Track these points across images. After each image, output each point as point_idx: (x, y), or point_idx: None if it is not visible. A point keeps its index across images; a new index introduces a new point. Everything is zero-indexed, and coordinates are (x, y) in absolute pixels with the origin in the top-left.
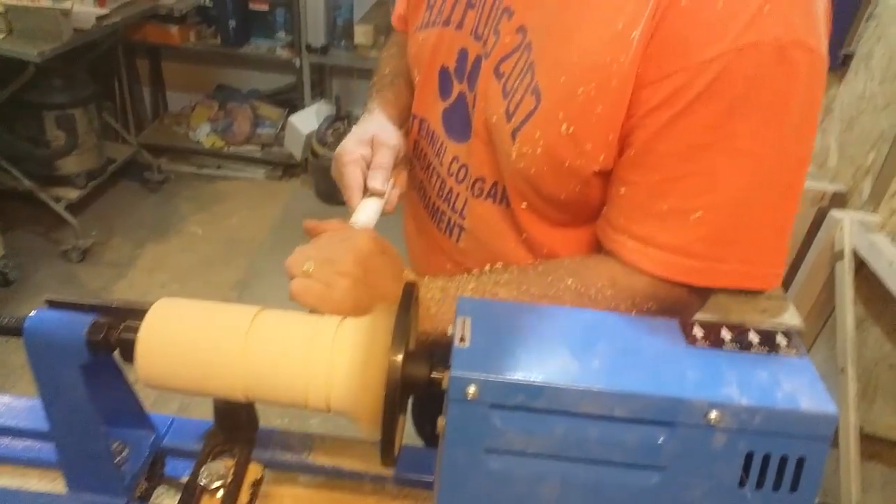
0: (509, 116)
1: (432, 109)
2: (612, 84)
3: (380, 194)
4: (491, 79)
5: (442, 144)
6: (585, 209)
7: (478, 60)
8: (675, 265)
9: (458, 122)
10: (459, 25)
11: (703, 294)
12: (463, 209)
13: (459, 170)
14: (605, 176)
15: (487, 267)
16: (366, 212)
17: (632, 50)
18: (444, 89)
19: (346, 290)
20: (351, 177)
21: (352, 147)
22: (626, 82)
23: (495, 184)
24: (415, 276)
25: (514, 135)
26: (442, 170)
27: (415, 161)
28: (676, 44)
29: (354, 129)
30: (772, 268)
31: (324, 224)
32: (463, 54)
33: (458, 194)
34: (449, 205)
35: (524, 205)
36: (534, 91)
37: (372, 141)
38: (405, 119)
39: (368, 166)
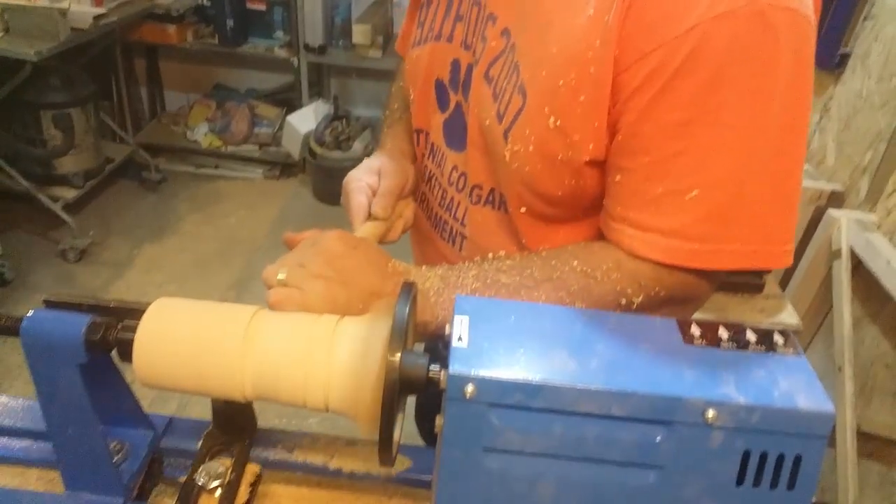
0: (500, 118)
1: (432, 122)
2: (590, 71)
3: (382, 220)
4: (482, 84)
5: (443, 155)
6: (584, 202)
7: (470, 70)
8: (676, 250)
9: (457, 131)
10: (450, 38)
11: (712, 277)
12: (463, 217)
13: (459, 178)
14: (599, 166)
15: (490, 255)
16: (364, 234)
17: (606, 34)
18: (442, 101)
19: (320, 292)
20: (356, 203)
21: (359, 175)
22: (604, 68)
23: (492, 190)
24: (404, 266)
25: (505, 135)
26: (443, 179)
27: (417, 173)
28: (650, 21)
29: (366, 160)
30: (780, 245)
31: (301, 234)
32: (455, 65)
33: (458, 203)
34: (450, 213)
35: (523, 209)
36: (520, 90)
37: (380, 171)
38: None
39: (375, 195)
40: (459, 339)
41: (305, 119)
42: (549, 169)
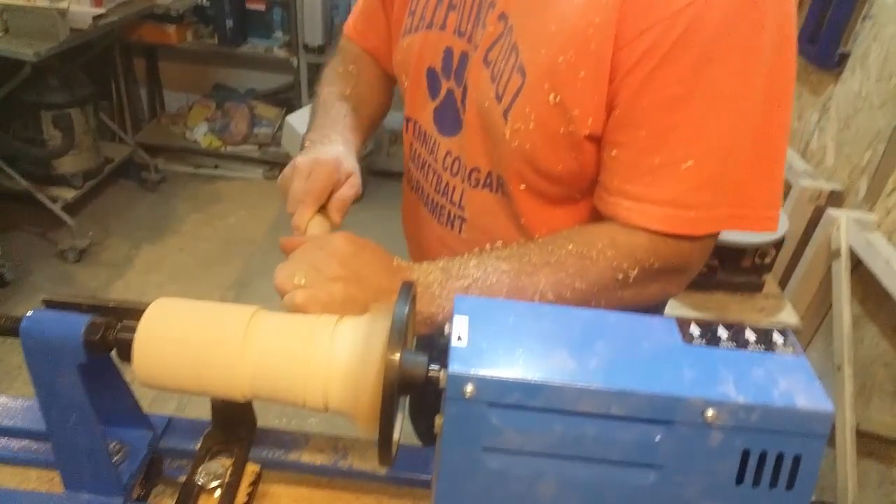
0: (499, 98)
1: (422, 110)
2: (590, 47)
3: (333, 224)
4: (481, 68)
5: (435, 141)
6: (583, 181)
7: (463, 56)
8: (672, 218)
9: (449, 118)
10: (442, 27)
11: (704, 243)
12: (461, 200)
13: (453, 163)
14: (597, 141)
15: (488, 246)
16: (320, 229)
17: (606, 12)
18: (433, 89)
19: (340, 292)
20: (320, 188)
21: (332, 160)
22: (604, 44)
23: (490, 173)
24: (407, 263)
25: (505, 114)
26: (437, 165)
27: (410, 163)
28: None
29: (335, 146)
30: (766, 210)
31: (299, 239)
32: (448, 53)
33: (454, 187)
34: (447, 198)
35: (523, 186)
36: (519, 69)
37: (348, 173)
38: (366, 137)
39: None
40: (459, 338)
41: (305, 119)
42: (549, 145)
